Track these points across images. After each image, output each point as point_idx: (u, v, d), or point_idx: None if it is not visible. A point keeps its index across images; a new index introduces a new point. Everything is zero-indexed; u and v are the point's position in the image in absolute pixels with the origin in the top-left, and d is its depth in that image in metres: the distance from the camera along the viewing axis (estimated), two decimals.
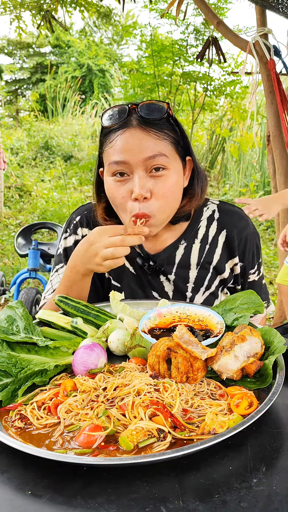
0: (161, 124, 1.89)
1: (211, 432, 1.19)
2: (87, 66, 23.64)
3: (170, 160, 1.90)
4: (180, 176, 1.98)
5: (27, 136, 16.89)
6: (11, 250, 9.08)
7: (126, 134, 1.87)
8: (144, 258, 2.15)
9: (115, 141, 1.89)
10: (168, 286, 2.18)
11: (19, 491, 1.06)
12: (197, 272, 2.17)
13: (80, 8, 6.38)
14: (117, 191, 1.92)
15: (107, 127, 1.93)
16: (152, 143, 1.85)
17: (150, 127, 1.86)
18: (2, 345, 1.59)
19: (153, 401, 1.28)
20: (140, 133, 1.86)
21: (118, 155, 1.87)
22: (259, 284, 2.26)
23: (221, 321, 1.63)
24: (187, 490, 1.04)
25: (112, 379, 1.42)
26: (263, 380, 1.40)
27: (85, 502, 1.02)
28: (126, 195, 1.90)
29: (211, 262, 2.17)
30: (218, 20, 4.49)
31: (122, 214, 1.98)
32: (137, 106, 1.87)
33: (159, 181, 1.88)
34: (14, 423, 1.31)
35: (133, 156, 1.85)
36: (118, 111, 1.90)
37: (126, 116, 1.87)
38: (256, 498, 1.01)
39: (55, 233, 7.38)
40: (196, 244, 2.16)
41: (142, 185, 1.84)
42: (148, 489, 1.05)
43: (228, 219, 2.18)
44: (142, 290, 2.20)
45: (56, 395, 1.39)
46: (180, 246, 2.16)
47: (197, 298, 2.18)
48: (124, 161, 1.86)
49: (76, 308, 1.88)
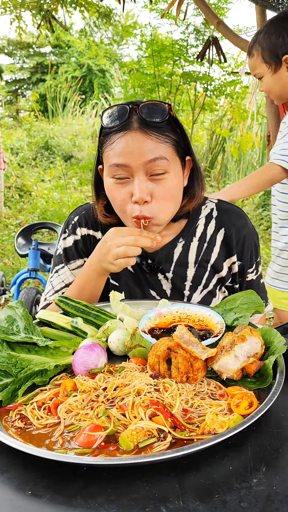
0: (162, 126, 1.88)
1: (211, 432, 1.19)
2: (87, 66, 23.66)
3: (170, 163, 1.89)
4: (180, 178, 1.98)
5: (27, 136, 16.89)
6: (11, 250, 9.08)
7: (127, 136, 1.86)
8: (142, 257, 2.15)
9: (116, 143, 1.88)
10: (166, 284, 2.18)
11: (19, 491, 1.06)
12: (195, 270, 2.16)
13: (80, 8, 6.37)
14: (117, 193, 1.92)
15: (107, 127, 1.92)
16: (153, 146, 1.85)
17: (151, 130, 1.86)
18: (2, 345, 1.59)
19: (153, 401, 1.28)
20: (140, 136, 1.85)
21: (118, 158, 1.87)
22: (257, 283, 2.26)
23: (221, 321, 1.63)
24: (187, 490, 1.04)
25: (112, 379, 1.42)
26: (263, 380, 1.40)
27: (85, 502, 1.02)
28: (126, 197, 1.90)
29: (209, 260, 2.17)
30: (218, 20, 4.49)
31: (122, 215, 1.99)
32: (138, 107, 1.86)
33: (160, 184, 1.89)
34: (14, 423, 1.31)
35: (133, 160, 1.84)
36: (118, 111, 1.89)
37: (127, 117, 1.86)
38: (256, 498, 1.01)
39: (55, 233, 7.39)
40: (194, 243, 2.16)
41: (143, 189, 1.85)
42: (148, 489, 1.05)
43: (226, 218, 2.17)
44: (140, 288, 2.20)
45: (56, 395, 1.39)
46: (178, 244, 2.16)
47: (195, 296, 2.18)
48: (125, 164, 1.86)
49: (76, 308, 1.88)
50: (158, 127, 1.87)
